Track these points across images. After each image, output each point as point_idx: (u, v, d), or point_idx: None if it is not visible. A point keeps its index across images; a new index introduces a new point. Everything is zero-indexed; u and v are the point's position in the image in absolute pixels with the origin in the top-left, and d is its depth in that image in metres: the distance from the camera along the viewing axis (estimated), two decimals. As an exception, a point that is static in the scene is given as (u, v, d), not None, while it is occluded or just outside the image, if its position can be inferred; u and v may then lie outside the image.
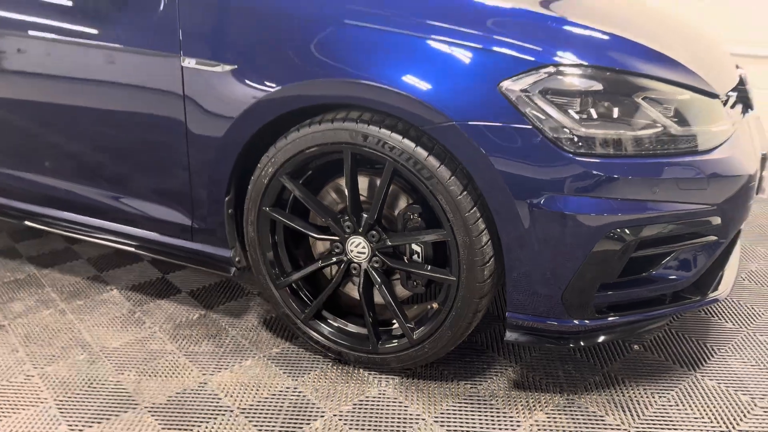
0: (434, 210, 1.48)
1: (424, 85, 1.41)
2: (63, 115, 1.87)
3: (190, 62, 1.62)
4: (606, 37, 1.52)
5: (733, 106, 1.74)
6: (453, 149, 1.41)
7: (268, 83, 1.53)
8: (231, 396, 1.60)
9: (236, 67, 1.57)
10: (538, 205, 1.38)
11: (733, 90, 1.80)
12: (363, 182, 1.64)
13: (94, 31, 1.73)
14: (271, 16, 1.57)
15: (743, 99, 1.88)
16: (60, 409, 1.56)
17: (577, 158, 1.37)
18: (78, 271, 2.26)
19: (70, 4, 1.80)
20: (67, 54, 1.79)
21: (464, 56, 1.42)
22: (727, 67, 1.88)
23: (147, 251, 1.94)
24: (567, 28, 1.54)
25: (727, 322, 1.93)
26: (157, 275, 2.22)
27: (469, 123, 1.38)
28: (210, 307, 2.02)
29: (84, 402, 1.58)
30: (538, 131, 1.36)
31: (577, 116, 1.38)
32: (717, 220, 1.51)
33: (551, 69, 1.38)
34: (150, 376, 1.68)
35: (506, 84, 1.38)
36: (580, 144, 1.37)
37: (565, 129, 1.37)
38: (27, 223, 2.10)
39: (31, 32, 1.83)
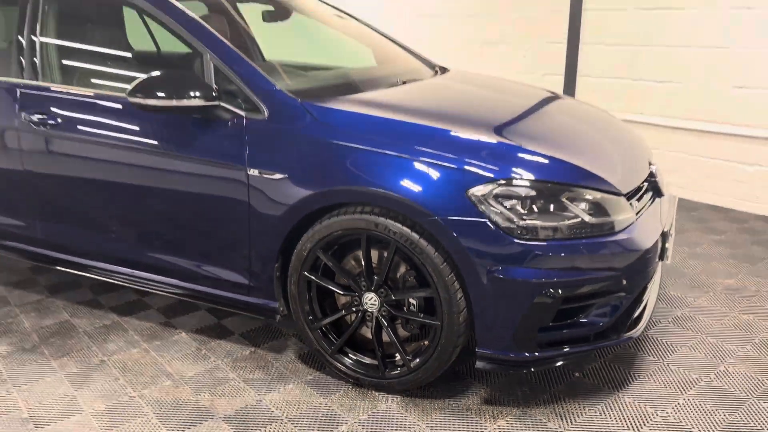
0: (424, 275, 2.13)
1: (416, 191, 2.07)
2: (158, 201, 2.54)
3: (253, 171, 2.30)
4: (545, 160, 2.17)
5: (642, 196, 2.41)
6: (436, 234, 2.06)
7: (309, 188, 2.20)
8: (280, 409, 2.22)
9: (286, 175, 2.25)
10: (495, 272, 2.02)
11: (645, 181, 2.48)
12: (374, 254, 2.28)
13: (187, 145, 2.41)
14: (312, 142, 2.25)
15: (654, 188, 2.55)
16: (159, 419, 2.18)
17: (520, 241, 2.02)
18: (152, 318, 2.91)
19: (166, 130, 2.48)
20: (164, 159, 2.47)
21: (444, 172, 2.09)
22: (640, 165, 2.56)
23: (212, 302, 2.59)
24: (518, 153, 2.19)
25: (649, 355, 2.55)
26: (214, 320, 2.87)
27: (447, 217, 2.03)
28: (257, 345, 2.65)
29: (175, 415, 2.21)
30: (493, 223, 2.02)
31: (520, 213, 2.04)
32: (623, 281, 2.15)
33: (503, 182, 2.05)
34: (219, 396, 2.31)
35: (471, 191, 2.04)
36: (522, 231, 2.03)
37: (511, 221, 2.03)
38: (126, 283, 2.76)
39: (140, 146, 2.51)
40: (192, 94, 2.31)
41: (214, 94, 2.33)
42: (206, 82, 2.37)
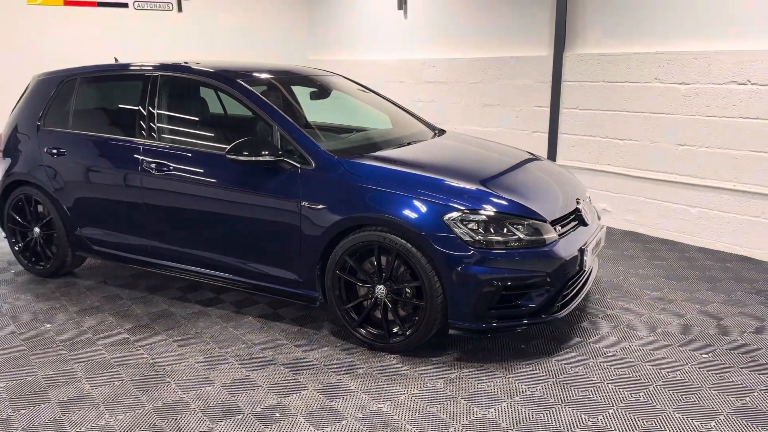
0: (415, 271, 3.24)
1: (412, 217, 3.21)
2: (238, 223, 3.72)
3: (304, 203, 3.47)
4: (503, 201, 3.29)
5: (567, 224, 3.52)
6: (423, 245, 3.19)
7: (341, 214, 3.36)
8: (319, 361, 3.33)
9: (326, 206, 3.41)
10: (459, 269, 3.13)
11: (571, 214, 3.59)
12: (383, 259, 3.41)
13: (261, 185, 3.60)
14: (343, 184, 3.42)
15: (578, 218, 3.66)
16: (240, 365, 3.30)
17: (477, 249, 3.14)
18: (226, 308, 4.06)
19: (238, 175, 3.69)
20: (244, 195, 3.67)
21: (431, 206, 3.22)
22: (569, 202, 3.67)
23: (272, 294, 3.74)
24: (487, 196, 3.30)
25: (576, 336, 3.61)
26: (271, 310, 4.01)
27: (431, 233, 3.16)
28: (302, 325, 3.78)
29: (250, 363, 3.33)
30: (458, 237, 3.14)
31: (477, 231, 3.16)
32: (547, 279, 3.24)
33: (467, 212, 3.18)
34: (278, 353, 3.42)
35: (445, 217, 3.18)
36: (478, 244, 3.14)
37: (470, 237, 3.15)
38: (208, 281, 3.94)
39: (228, 186, 3.72)
40: (264, 152, 3.52)
41: (279, 152, 3.54)
42: (274, 144, 3.58)
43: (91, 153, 4.27)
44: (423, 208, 3.24)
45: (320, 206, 3.43)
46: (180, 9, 8.65)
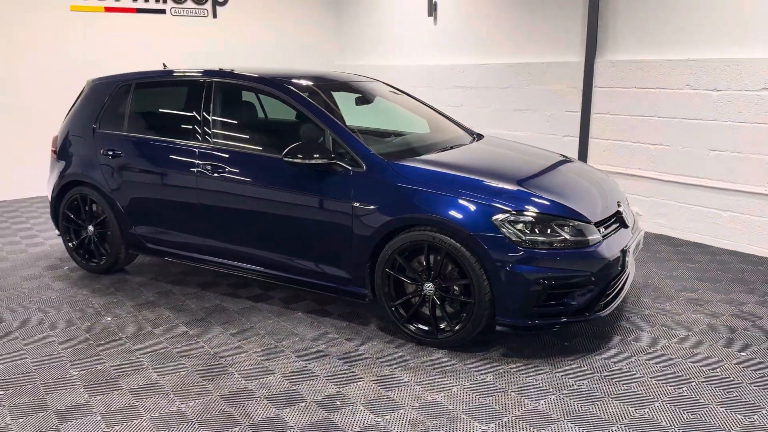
0: (463, 270, 3.39)
1: (461, 218, 3.36)
2: (291, 223, 3.89)
3: (356, 204, 3.64)
4: (545, 201, 3.45)
5: (610, 225, 3.65)
6: (471, 244, 3.34)
7: (391, 215, 3.52)
8: (371, 354, 3.49)
9: (377, 206, 3.58)
10: (507, 268, 3.28)
11: (613, 216, 3.72)
12: (432, 257, 3.56)
13: (313, 187, 3.78)
14: (393, 186, 3.57)
15: (620, 220, 3.79)
16: (296, 356, 3.47)
17: (524, 249, 3.28)
18: (275, 304, 4.24)
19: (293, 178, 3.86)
20: (297, 196, 3.84)
21: (480, 207, 3.38)
22: (610, 205, 3.80)
23: (323, 290, 3.90)
24: (524, 195, 3.47)
25: (617, 335, 3.73)
26: (319, 306, 4.18)
27: (480, 233, 3.31)
28: (351, 321, 3.94)
29: (305, 354, 3.50)
30: (506, 237, 3.29)
31: (524, 231, 3.31)
32: (592, 278, 3.37)
33: (515, 213, 3.33)
34: (331, 346, 3.59)
35: (494, 218, 3.33)
36: (526, 244, 3.29)
37: (518, 237, 3.29)
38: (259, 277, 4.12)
39: (282, 187, 3.89)
40: (317, 155, 3.69)
41: (332, 155, 3.71)
42: (327, 148, 3.75)
43: (147, 155, 4.47)
44: (471, 209, 3.39)
45: (371, 207, 3.60)
46: (215, 15, 8.88)
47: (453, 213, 3.39)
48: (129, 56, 8.15)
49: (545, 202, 3.45)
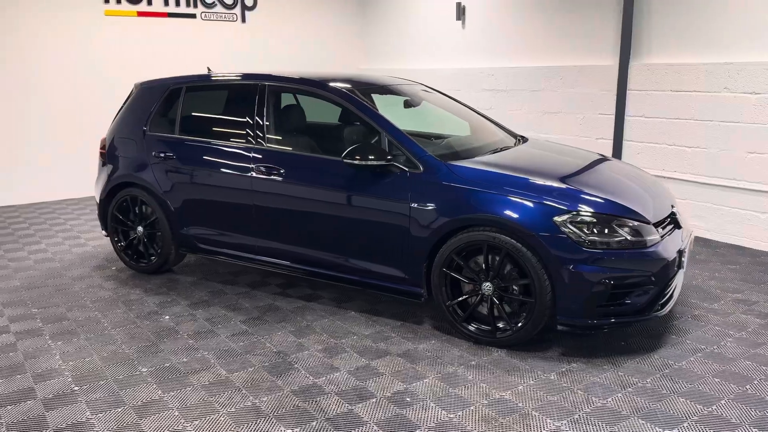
0: (524, 270, 3.44)
1: (523, 218, 3.41)
2: (347, 223, 3.95)
3: (414, 204, 3.70)
4: (600, 200, 3.50)
5: (666, 226, 3.69)
6: (533, 244, 3.39)
7: (450, 216, 3.58)
8: (430, 353, 3.54)
9: (436, 208, 3.63)
10: (570, 268, 3.33)
11: (668, 217, 3.77)
12: (490, 257, 3.61)
13: (370, 188, 3.84)
14: (450, 187, 3.63)
15: (674, 221, 3.83)
16: (358, 354, 3.53)
17: (586, 250, 3.33)
18: (327, 303, 4.30)
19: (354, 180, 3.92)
20: (354, 197, 3.90)
21: (541, 207, 3.42)
22: (665, 206, 3.85)
23: (377, 290, 3.96)
24: (582, 195, 3.52)
25: (672, 334, 3.77)
26: (370, 306, 4.23)
27: (542, 233, 3.36)
28: (405, 320, 4.00)
29: (365, 353, 3.55)
30: (568, 237, 3.34)
31: (586, 231, 3.36)
32: (652, 278, 3.42)
33: (573, 213, 3.38)
34: (390, 345, 3.64)
35: (555, 218, 3.38)
36: (588, 244, 3.33)
37: (580, 237, 3.34)
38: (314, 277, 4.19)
39: (338, 187, 3.95)
40: (373, 157, 3.75)
41: (389, 157, 3.77)
42: (384, 149, 3.81)
43: (200, 157, 4.54)
44: (532, 210, 3.44)
45: (430, 208, 3.65)
46: (244, 20, 8.97)
47: (514, 214, 3.44)
48: (161, 59, 8.25)
49: (610, 204, 3.49)
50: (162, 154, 4.69)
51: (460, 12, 8.24)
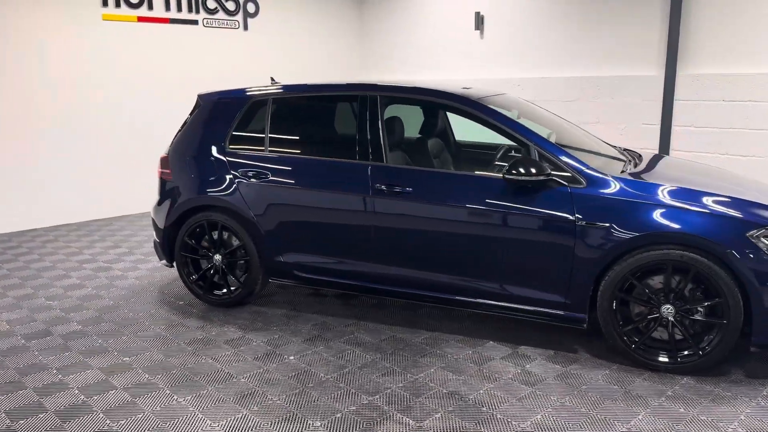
0: (714, 289, 3.21)
1: (715, 234, 3.17)
2: (496, 244, 3.59)
3: (581, 222, 3.40)
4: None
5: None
6: (727, 262, 3.17)
7: (629, 233, 3.31)
8: (613, 382, 3.25)
9: (609, 225, 3.35)
10: None
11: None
12: (672, 277, 3.35)
13: (520, 204, 3.51)
14: (626, 202, 3.36)
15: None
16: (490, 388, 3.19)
17: (785, 262, 3.15)
18: (453, 332, 3.90)
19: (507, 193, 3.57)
20: (496, 216, 3.56)
21: (731, 221, 3.20)
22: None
23: (528, 316, 3.61)
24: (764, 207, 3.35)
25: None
26: (503, 334, 3.88)
27: (737, 250, 3.14)
28: (555, 349, 3.67)
29: (513, 387, 3.21)
30: (765, 252, 3.15)
31: (781, 244, 3.18)
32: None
33: (766, 227, 3.20)
34: (547, 372, 3.32)
35: (749, 233, 3.17)
36: (784, 256, 3.16)
37: (774, 250, 3.16)
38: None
39: (487, 205, 3.58)
40: (533, 171, 3.44)
41: (547, 171, 3.46)
42: (543, 164, 3.49)
43: (303, 176, 4.04)
44: (723, 225, 3.23)
45: (602, 225, 3.37)
46: (246, 28, 8.41)
47: (704, 229, 3.22)
48: (161, 67, 7.59)
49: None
50: (250, 173, 4.15)
51: (479, 21, 8.06)
